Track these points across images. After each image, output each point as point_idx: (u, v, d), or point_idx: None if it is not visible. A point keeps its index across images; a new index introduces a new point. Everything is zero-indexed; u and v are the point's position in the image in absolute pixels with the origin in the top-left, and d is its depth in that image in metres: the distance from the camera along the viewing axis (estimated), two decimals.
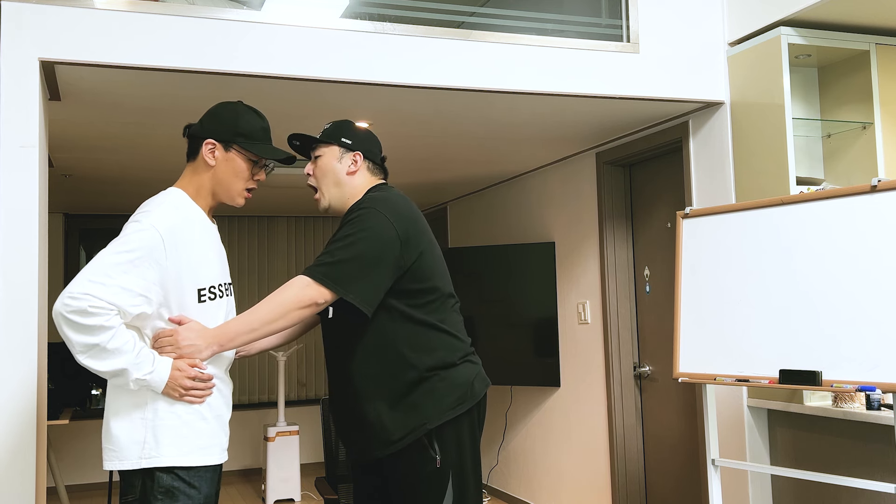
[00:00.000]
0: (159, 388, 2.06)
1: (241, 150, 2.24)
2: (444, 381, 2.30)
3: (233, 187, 2.25)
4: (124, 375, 2.03)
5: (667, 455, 4.43)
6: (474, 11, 3.53)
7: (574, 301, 5.01)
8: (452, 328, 2.36)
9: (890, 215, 2.60)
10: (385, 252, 2.24)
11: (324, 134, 2.48)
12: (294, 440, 6.10)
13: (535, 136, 4.43)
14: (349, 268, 2.21)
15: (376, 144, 2.52)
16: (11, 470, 2.70)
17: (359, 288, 2.21)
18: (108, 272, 2.00)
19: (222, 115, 2.25)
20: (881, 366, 2.53)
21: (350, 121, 2.53)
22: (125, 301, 2.01)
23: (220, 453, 2.18)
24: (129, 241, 2.05)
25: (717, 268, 3.09)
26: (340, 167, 2.44)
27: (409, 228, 2.30)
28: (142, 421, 2.08)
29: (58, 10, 2.87)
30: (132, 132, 3.99)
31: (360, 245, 2.22)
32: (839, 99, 3.60)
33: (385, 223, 2.26)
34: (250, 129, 2.25)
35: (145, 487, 2.07)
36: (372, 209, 2.29)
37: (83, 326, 1.97)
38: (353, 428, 2.34)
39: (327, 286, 2.19)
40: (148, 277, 2.05)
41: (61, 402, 5.84)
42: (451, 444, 2.29)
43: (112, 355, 2.01)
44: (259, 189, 5.69)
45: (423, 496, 2.27)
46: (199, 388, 2.11)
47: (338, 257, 2.22)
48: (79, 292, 1.97)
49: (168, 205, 2.16)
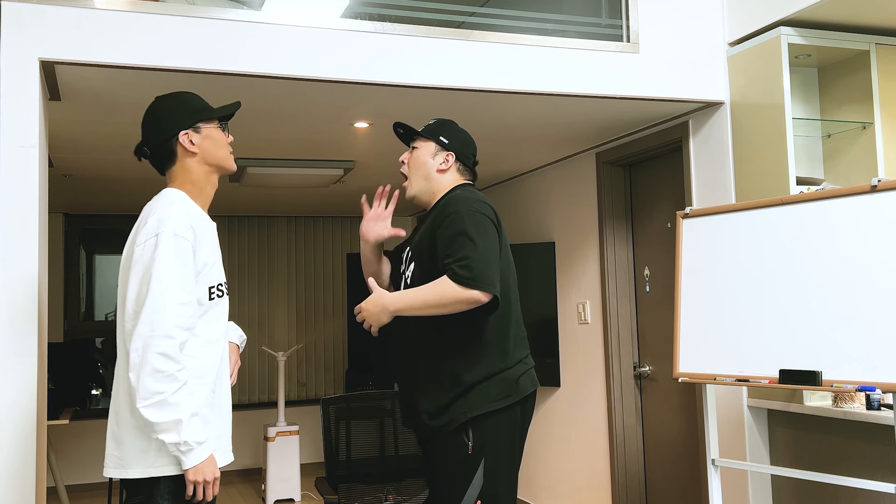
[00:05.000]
0: (196, 461, 2.05)
1: (209, 121, 2.28)
2: (494, 379, 2.45)
3: (221, 156, 2.30)
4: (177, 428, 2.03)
5: (667, 455, 4.43)
6: (474, 11, 3.53)
7: (574, 301, 5.01)
8: (514, 339, 2.51)
9: (890, 215, 2.60)
10: (496, 248, 2.46)
11: (425, 129, 2.64)
12: (294, 440, 6.10)
13: (535, 136, 4.43)
14: (482, 269, 2.36)
15: (471, 148, 2.67)
16: (11, 470, 2.70)
17: (497, 283, 2.38)
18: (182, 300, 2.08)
19: (172, 109, 2.26)
20: (881, 366, 2.53)
21: (453, 121, 2.68)
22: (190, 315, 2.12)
23: (226, 454, 2.22)
24: (170, 260, 2.08)
25: (717, 268, 3.09)
26: (433, 163, 2.60)
27: (501, 231, 2.54)
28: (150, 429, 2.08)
29: (58, 10, 2.87)
30: (132, 132, 3.99)
31: (482, 242, 2.41)
32: (839, 99, 3.60)
33: (490, 225, 2.47)
34: (199, 104, 2.29)
35: (152, 492, 2.09)
36: (472, 211, 2.46)
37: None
38: (412, 413, 2.55)
39: (482, 289, 2.34)
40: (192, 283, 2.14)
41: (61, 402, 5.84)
42: (489, 434, 2.42)
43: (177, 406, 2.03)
44: (259, 189, 5.69)
45: (452, 478, 2.43)
46: (213, 488, 2.11)
47: (474, 259, 2.37)
48: (171, 327, 2.04)
49: (177, 205, 2.16)
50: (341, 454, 3.85)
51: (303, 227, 7.49)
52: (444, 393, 2.43)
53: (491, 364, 2.45)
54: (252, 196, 6.11)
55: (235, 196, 6.07)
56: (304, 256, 7.48)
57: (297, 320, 7.40)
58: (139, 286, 2.06)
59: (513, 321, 2.52)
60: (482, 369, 2.43)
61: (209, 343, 2.17)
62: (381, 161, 4.94)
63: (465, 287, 2.32)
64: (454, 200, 2.50)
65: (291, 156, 4.82)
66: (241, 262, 7.28)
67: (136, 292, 2.06)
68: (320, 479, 3.78)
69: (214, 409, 2.18)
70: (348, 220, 7.64)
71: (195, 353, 2.12)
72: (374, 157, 4.81)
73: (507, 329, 2.49)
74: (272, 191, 5.86)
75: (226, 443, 2.22)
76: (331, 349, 7.49)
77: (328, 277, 7.52)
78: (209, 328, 2.17)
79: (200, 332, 2.14)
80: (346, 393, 6.28)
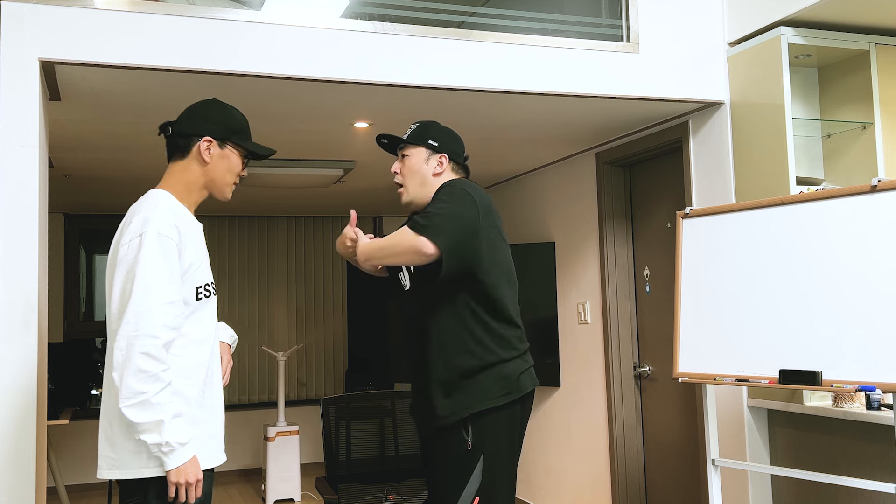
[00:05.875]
0: (178, 462, 2.04)
1: (236, 146, 2.28)
2: (493, 373, 2.45)
3: (225, 181, 2.29)
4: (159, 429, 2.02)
5: (667, 455, 4.43)
6: (474, 11, 3.53)
7: (574, 301, 5.01)
8: (512, 327, 2.51)
9: (890, 215, 2.60)
10: (471, 224, 2.42)
11: (411, 135, 2.62)
12: (294, 440, 6.10)
13: (535, 136, 4.43)
14: (440, 222, 2.37)
15: (460, 145, 2.66)
16: (11, 470, 2.70)
17: (447, 242, 2.36)
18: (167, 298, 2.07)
19: (212, 114, 2.27)
20: (881, 366, 2.53)
21: (436, 122, 2.66)
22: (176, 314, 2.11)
23: (218, 455, 2.22)
24: (154, 259, 2.07)
25: (717, 268, 3.09)
26: (427, 168, 2.59)
27: (488, 215, 2.47)
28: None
29: (58, 10, 2.87)
30: (132, 132, 3.99)
31: (451, 205, 2.41)
32: (839, 99, 3.60)
33: (471, 202, 2.43)
34: (240, 127, 2.29)
35: (147, 492, 2.08)
36: (459, 188, 2.47)
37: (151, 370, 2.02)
38: (417, 408, 2.59)
39: (426, 236, 2.34)
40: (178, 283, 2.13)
41: (61, 402, 5.85)
42: (488, 431, 2.43)
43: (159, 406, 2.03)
44: (259, 189, 5.69)
45: (450, 474, 2.44)
46: (195, 490, 2.09)
47: (434, 215, 2.39)
48: (157, 326, 2.03)
49: (162, 205, 2.16)
50: (341, 454, 3.85)
51: (303, 227, 7.49)
52: (448, 381, 2.45)
53: (493, 353, 2.45)
54: (252, 196, 6.11)
55: (235, 196, 6.07)
56: (304, 256, 7.48)
57: (296, 320, 7.40)
58: (123, 286, 2.06)
59: (515, 312, 2.52)
60: (484, 357, 2.44)
61: (197, 342, 2.16)
62: (381, 161, 4.94)
63: (417, 234, 2.34)
64: (448, 183, 2.54)
65: (291, 156, 4.82)
66: (241, 262, 7.28)
67: (120, 292, 2.06)
68: (320, 479, 3.78)
69: (205, 410, 2.17)
70: (348, 220, 7.63)
71: (183, 352, 2.12)
72: (374, 157, 4.81)
73: (508, 319, 2.49)
74: (272, 191, 5.86)
75: (218, 443, 2.22)
76: (331, 349, 7.49)
77: (328, 277, 7.52)
78: (197, 328, 2.17)
79: (188, 332, 2.14)
80: (346, 393, 6.28)
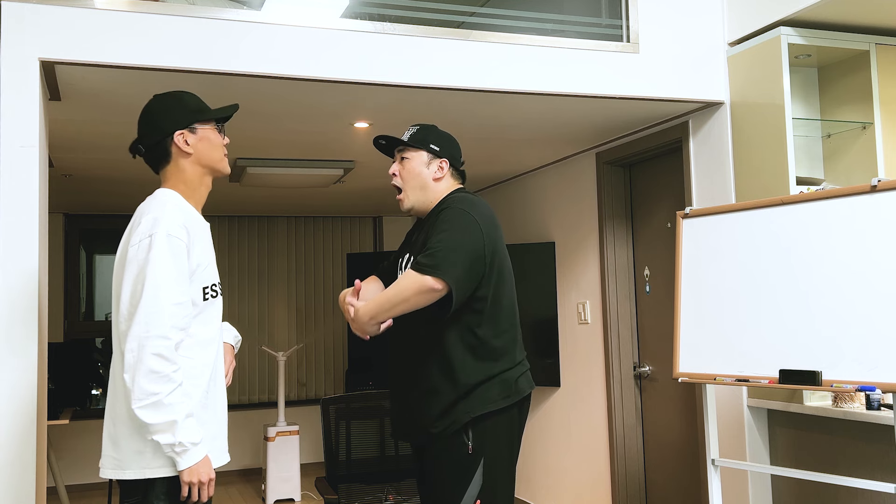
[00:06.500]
0: (190, 462, 2.05)
1: (205, 123, 2.27)
2: (494, 382, 2.44)
3: (215, 158, 2.29)
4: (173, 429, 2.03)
5: (667, 455, 4.43)
6: (474, 11, 3.53)
7: (574, 301, 5.01)
8: (512, 341, 2.50)
9: (890, 215, 2.60)
10: (476, 247, 2.39)
11: (412, 138, 2.58)
12: (294, 440, 6.10)
13: (535, 136, 4.43)
14: (444, 257, 2.33)
15: (459, 150, 2.64)
16: (11, 470, 2.70)
17: (455, 274, 2.33)
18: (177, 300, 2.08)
19: (167, 108, 2.25)
20: (881, 366, 2.53)
21: (435, 126, 2.63)
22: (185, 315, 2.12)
23: (222, 455, 2.22)
24: (164, 260, 2.07)
25: (717, 268, 3.09)
26: (428, 172, 2.56)
27: (491, 232, 2.45)
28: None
29: (58, 10, 2.87)
30: (132, 132, 3.98)
31: (456, 236, 2.37)
32: (839, 99, 3.60)
33: (473, 223, 2.41)
34: (196, 104, 2.28)
35: (147, 492, 2.09)
36: (460, 209, 2.43)
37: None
38: (406, 421, 2.52)
39: (432, 274, 2.30)
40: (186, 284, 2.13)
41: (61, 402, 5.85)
42: (489, 434, 2.42)
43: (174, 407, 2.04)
44: (259, 189, 5.69)
45: (451, 478, 2.42)
46: (208, 489, 2.10)
47: (437, 251, 2.34)
48: (167, 327, 2.04)
49: (171, 205, 2.16)
50: (341, 454, 3.85)
51: (303, 227, 7.49)
52: (448, 395, 2.42)
53: (494, 365, 2.45)
54: (252, 196, 6.11)
55: (235, 196, 6.07)
56: (304, 256, 7.48)
57: (296, 320, 7.40)
58: (133, 287, 2.06)
59: (513, 323, 2.52)
60: (485, 370, 2.43)
61: (204, 343, 2.17)
62: (381, 161, 4.94)
63: (422, 274, 2.30)
64: (449, 201, 2.51)
65: (291, 156, 4.81)
66: (240, 262, 7.28)
67: (130, 293, 2.06)
68: (320, 479, 3.78)
69: (209, 410, 2.18)
70: (348, 220, 7.64)
71: (190, 353, 2.13)
72: (374, 157, 4.81)
73: (507, 331, 2.49)
74: (272, 191, 5.86)
75: (221, 444, 2.22)
76: (331, 349, 7.49)
77: (328, 277, 7.52)
78: (204, 329, 2.17)
79: (195, 333, 2.14)
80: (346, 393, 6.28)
